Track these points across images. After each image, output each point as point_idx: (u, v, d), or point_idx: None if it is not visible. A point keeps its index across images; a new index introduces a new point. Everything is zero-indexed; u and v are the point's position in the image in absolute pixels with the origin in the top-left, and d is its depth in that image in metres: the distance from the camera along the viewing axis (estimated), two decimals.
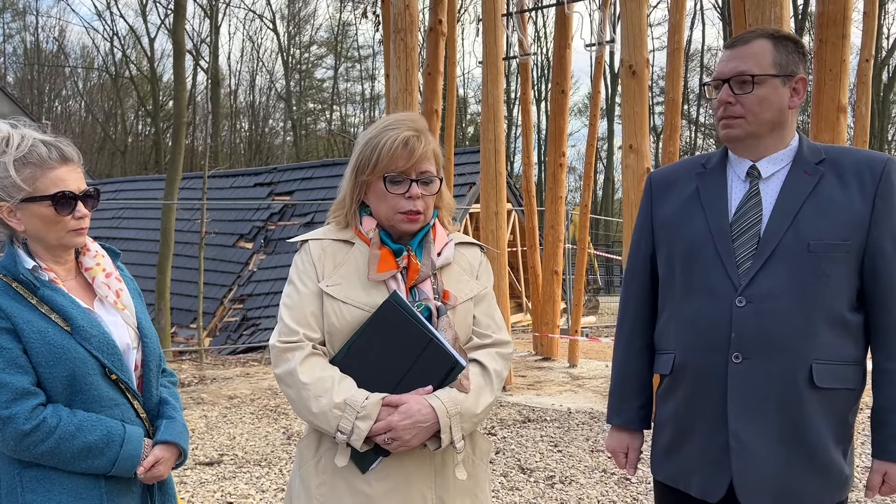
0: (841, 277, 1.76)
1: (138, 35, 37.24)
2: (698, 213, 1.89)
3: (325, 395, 1.69)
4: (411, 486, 1.75)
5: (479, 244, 2.01)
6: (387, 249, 1.81)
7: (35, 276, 1.73)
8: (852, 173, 1.80)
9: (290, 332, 1.77)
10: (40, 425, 1.65)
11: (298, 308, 1.79)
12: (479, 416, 1.79)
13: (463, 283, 1.89)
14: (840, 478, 1.79)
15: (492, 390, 1.81)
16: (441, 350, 1.74)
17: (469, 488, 1.84)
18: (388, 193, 1.80)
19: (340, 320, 1.77)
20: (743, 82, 1.82)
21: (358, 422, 1.67)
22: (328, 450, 1.77)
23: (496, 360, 1.86)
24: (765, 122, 1.83)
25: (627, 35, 6.05)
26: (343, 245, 1.85)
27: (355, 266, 1.82)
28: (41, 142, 1.74)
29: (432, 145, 1.84)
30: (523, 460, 5.09)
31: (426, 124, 1.88)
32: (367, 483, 1.73)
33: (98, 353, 1.73)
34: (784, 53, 1.83)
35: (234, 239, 14.78)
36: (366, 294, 1.78)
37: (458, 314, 1.84)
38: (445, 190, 1.95)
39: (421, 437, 1.71)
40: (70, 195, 1.74)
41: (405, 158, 1.78)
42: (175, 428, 1.88)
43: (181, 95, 12.46)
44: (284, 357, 1.76)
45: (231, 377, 8.50)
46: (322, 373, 1.73)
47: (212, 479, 4.72)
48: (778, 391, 1.75)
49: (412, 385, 1.74)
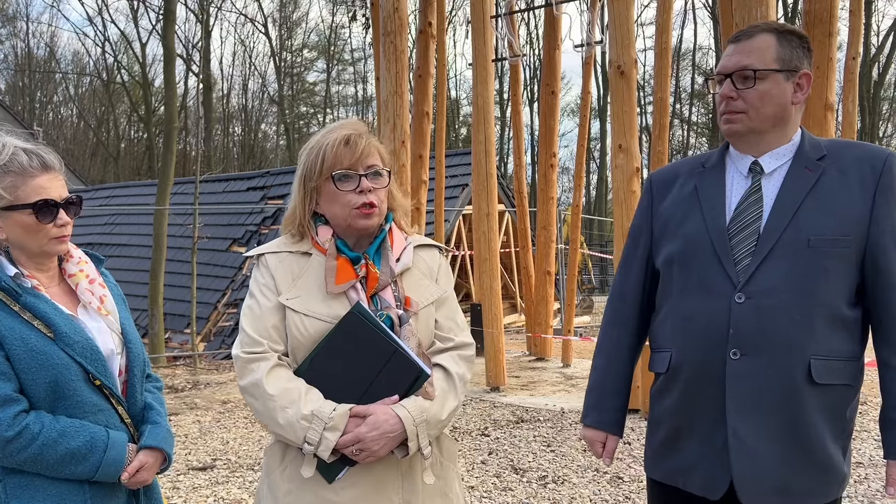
0: (840, 273, 1.75)
1: (130, 40, 37.26)
2: (696, 212, 1.89)
3: (292, 407, 1.69)
4: (379, 492, 1.75)
5: (438, 245, 2.00)
6: (344, 258, 1.81)
7: (17, 284, 1.73)
8: (853, 169, 1.79)
9: (254, 343, 1.76)
10: (23, 432, 1.65)
11: (260, 320, 1.78)
12: (444, 421, 1.79)
13: (423, 287, 1.89)
14: (839, 475, 1.79)
15: (456, 395, 1.82)
16: (406, 360, 1.75)
17: (439, 488, 1.85)
18: (339, 192, 1.80)
19: (303, 333, 1.76)
20: (745, 77, 1.81)
21: (326, 433, 1.67)
22: (294, 459, 1.77)
23: (459, 363, 1.86)
24: (767, 117, 1.82)
25: (615, 35, 6.08)
26: (300, 256, 1.84)
27: (314, 277, 1.81)
28: (22, 150, 1.74)
29: (375, 142, 1.85)
30: (516, 460, 5.10)
31: (367, 127, 1.89)
32: (335, 491, 1.73)
33: (81, 359, 1.73)
34: (788, 48, 1.81)
35: (227, 243, 14.78)
36: (326, 306, 1.77)
37: (421, 319, 1.84)
38: (397, 190, 1.95)
39: (389, 447, 1.71)
40: (52, 203, 1.74)
41: (349, 155, 1.79)
42: (159, 433, 1.88)
43: (172, 101, 12.46)
44: (249, 368, 1.74)
45: (225, 382, 8.50)
46: (288, 384, 1.73)
47: (205, 483, 4.72)
48: (776, 387, 1.74)
49: (378, 395, 1.74)
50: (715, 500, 1.82)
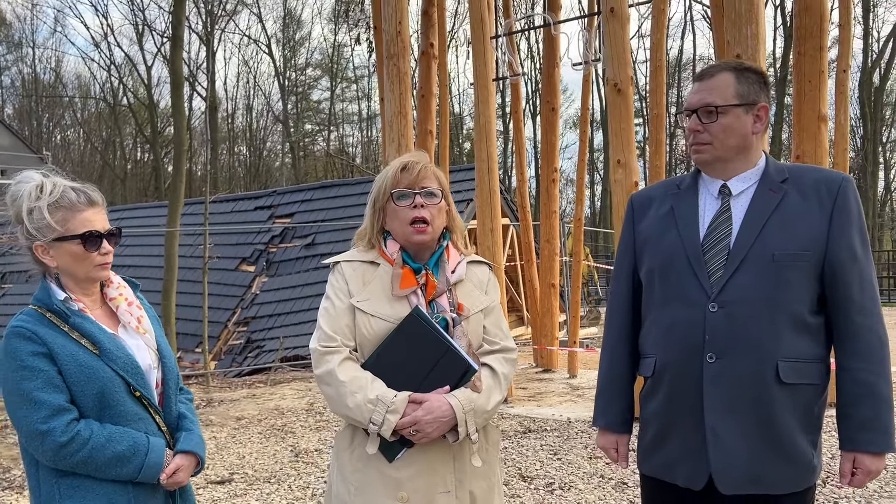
0: (802, 284, 1.95)
1: (135, 63, 37.70)
2: (672, 228, 2.10)
3: (360, 392, 1.97)
4: (434, 471, 2.02)
5: (488, 262, 2.31)
6: (408, 268, 2.10)
7: (66, 307, 1.94)
8: (812, 191, 2.00)
9: (329, 339, 2.04)
10: (75, 437, 1.85)
11: (335, 319, 2.07)
12: (489, 412, 2.06)
13: (474, 297, 2.17)
14: (808, 465, 1.97)
15: (500, 390, 2.10)
16: (457, 356, 2.02)
17: (484, 473, 2.11)
18: (398, 208, 2.10)
19: (369, 331, 2.05)
20: (709, 112, 2.03)
21: (388, 415, 1.94)
22: (360, 442, 2.05)
23: (503, 364, 2.14)
24: (730, 147, 2.04)
25: (611, 55, 6.27)
26: (370, 266, 2.14)
27: (381, 284, 2.10)
28: (70, 188, 1.97)
29: (431, 168, 2.16)
30: (524, 469, 5.25)
31: (427, 157, 2.19)
32: (396, 469, 2.00)
33: (123, 373, 1.94)
34: (746, 84, 2.04)
35: (236, 263, 14.96)
36: (391, 308, 2.06)
37: (471, 324, 2.11)
38: (456, 213, 2.24)
39: (441, 430, 1.98)
40: (97, 234, 1.97)
41: (406, 177, 2.11)
42: (193, 439, 2.09)
43: (180, 125, 12.70)
44: (325, 359, 2.03)
45: (238, 399, 8.66)
46: (357, 373, 2.01)
47: (224, 497, 4.89)
48: (748, 388, 1.94)
49: (432, 386, 2.02)
50: (698, 490, 2.01)
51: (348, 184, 15.85)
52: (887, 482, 4.61)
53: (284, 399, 8.48)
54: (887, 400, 1.94)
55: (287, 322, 13.04)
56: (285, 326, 12.91)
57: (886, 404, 1.93)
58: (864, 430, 1.94)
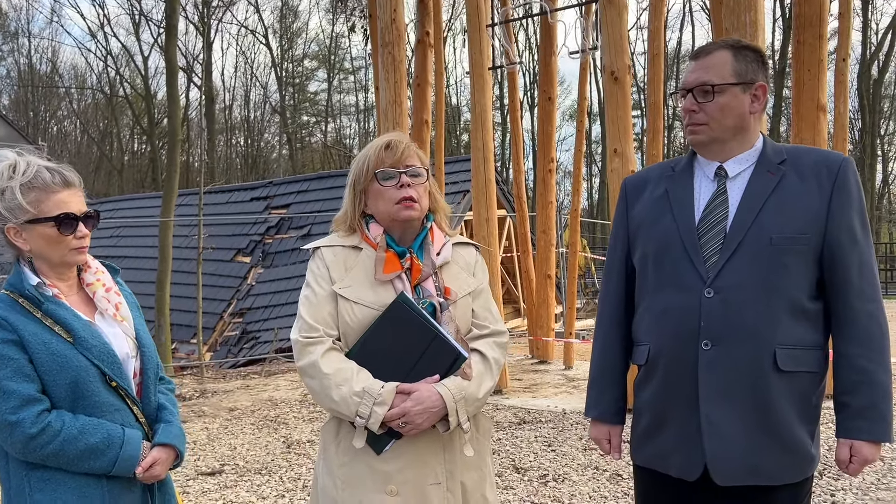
0: (800, 268, 1.88)
1: (132, 53, 37.49)
2: (667, 212, 2.03)
3: (346, 384, 1.89)
4: (424, 463, 1.95)
5: (474, 244, 2.22)
6: (391, 252, 2.01)
7: (39, 292, 1.86)
8: (811, 172, 1.93)
9: (311, 329, 1.96)
10: (45, 429, 1.78)
11: (316, 307, 1.98)
12: (480, 399, 1.99)
13: (461, 279, 2.09)
14: (806, 456, 1.91)
15: (492, 376, 2.02)
16: (445, 343, 1.95)
17: (475, 463, 2.04)
18: (383, 188, 2.01)
19: (353, 319, 1.96)
20: (705, 91, 1.96)
21: (375, 407, 1.86)
22: (346, 435, 1.97)
23: (494, 348, 2.06)
24: (727, 127, 1.96)
25: (609, 42, 6.19)
26: (352, 250, 2.05)
27: (364, 269, 2.01)
28: (45, 168, 1.88)
29: (414, 147, 2.08)
30: (517, 460, 5.21)
31: (407, 136, 2.11)
32: (384, 461, 1.93)
33: (98, 362, 1.86)
34: (743, 63, 1.96)
35: (231, 253, 14.91)
36: (374, 294, 1.97)
37: (459, 308, 2.04)
38: (438, 194, 2.16)
39: (431, 421, 1.90)
40: (72, 216, 1.88)
41: (390, 157, 2.03)
42: (172, 431, 2.01)
43: (175, 114, 12.61)
44: (307, 350, 1.95)
45: (232, 390, 8.61)
46: (341, 364, 1.93)
47: (214, 488, 4.84)
48: (745, 375, 1.87)
49: (421, 375, 1.94)
50: (692, 481, 1.95)
51: (345, 175, 15.70)
52: (884, 474, 4.57)
53: (278, 390, 8.43)
54: (886, 389, 1.87)
55: (283, 313, 12.99)
56: (281, 318, 12.86)
57: (885, 393, 1.87)
58: (860, 419, 1.88)
